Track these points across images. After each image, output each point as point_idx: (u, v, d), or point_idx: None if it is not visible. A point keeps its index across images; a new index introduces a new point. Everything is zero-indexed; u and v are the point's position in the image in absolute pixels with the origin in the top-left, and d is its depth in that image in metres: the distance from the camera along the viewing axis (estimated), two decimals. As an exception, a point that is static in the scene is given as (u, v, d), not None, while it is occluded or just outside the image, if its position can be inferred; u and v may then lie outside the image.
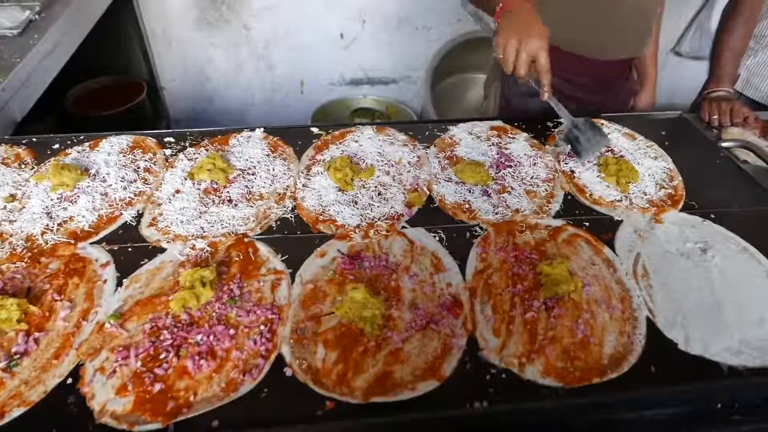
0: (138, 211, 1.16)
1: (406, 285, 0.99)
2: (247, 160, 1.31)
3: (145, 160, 1.30)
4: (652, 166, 1.32)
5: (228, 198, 1.19)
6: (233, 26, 2.98)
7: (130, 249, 1.07)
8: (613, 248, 1.10)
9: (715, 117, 1.59)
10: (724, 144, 1.48)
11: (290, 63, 3.17)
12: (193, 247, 1.06)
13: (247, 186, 1.23)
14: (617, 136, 1.43)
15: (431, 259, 1.05)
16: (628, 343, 0.91)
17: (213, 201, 1.18)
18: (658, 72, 1.87)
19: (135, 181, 1.24)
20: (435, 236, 1.10)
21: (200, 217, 1.14)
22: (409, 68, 3.26)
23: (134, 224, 1.13)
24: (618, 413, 0.88)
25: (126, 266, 1.02)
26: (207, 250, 1.06)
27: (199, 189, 1.21)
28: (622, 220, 1.17)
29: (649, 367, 0.88)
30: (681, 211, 1.20)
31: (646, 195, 1.23)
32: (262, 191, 1.21)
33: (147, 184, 1.23)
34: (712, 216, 1.18)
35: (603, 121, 1.48)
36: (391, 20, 3.01)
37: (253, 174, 1.26)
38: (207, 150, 1.34)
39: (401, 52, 3.17)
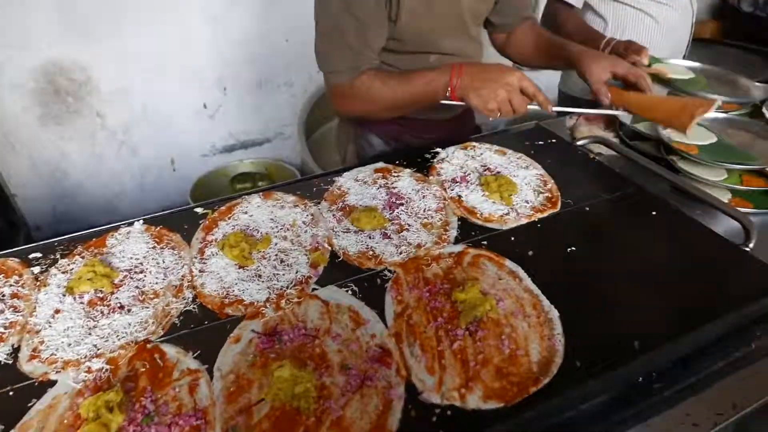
0: (12, 345, 1.02)
1: (331, 348, 0.97)
2: (131, 258, 1.21)
3: (11, 285, 1.15)
4: (527, 176, 1.43)
5: (119, 305, 1.08)
6: (84, 116, 2.80)
7: (11, 393, 0.92)
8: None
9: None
10: (578, 142, 1.65)
11: (155, 142, 3.04)
12: (88, 370, 0.94)
13: (137, 287, 1.13)
14: (489, 155, 1.53)
15: (349, 314, 1.03)
16: (550, 346, 0.96)
17: (102, 312, 1.07)
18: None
19: (2, 311, 1.08)
20: (347, 291, 1.09)
21: (90, 333, 1.02)
22: (279, 125, 3.28)
23: (10, 362, 0.98)
24: (561, 414, 0.91)
25: (10, 415, 0.88)
26: (106, 369, 0.95)
27: (82, 303, 1.09)
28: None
29: (575, 363, 0.93)
30: (561, 210, 1.31)
31: (528, 203, 1.33)
32: (156, 288, 1.12)
33: (18, 312, 1.09)
34: (587, 209, 1.31)
35: (474, 144, 1.58)
36: (252, 83, 3.02)
37: (141, 272, 1.17)
38: (83, 257, 1.22)
39: (269, 111, 3.19)
